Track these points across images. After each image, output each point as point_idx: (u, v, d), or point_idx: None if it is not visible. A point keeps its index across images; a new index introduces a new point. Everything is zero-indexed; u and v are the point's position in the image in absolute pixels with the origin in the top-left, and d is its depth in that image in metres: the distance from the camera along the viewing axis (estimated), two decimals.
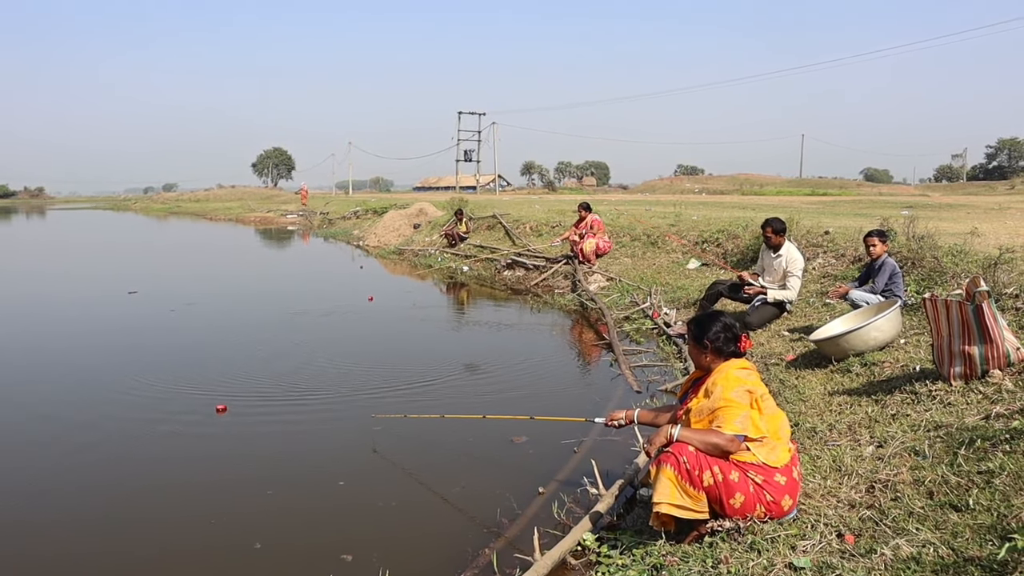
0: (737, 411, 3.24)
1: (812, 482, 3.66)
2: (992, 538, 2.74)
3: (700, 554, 3.14)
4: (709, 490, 3.18)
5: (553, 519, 4.04)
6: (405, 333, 9.58)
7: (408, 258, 18.41)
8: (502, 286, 13.51)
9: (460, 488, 4.51)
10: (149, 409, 6.07)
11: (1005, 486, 3.08)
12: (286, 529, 4.07)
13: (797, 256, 7.51)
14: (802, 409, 4.99)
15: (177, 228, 38.69)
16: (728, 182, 66.70)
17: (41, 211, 68.59)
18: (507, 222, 18.18)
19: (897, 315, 5.75)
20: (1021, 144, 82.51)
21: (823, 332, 6.16)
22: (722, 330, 3.50)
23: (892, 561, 2.77)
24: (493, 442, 5.28)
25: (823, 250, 9.41)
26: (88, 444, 5.35)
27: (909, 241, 7.79)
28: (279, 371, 7.29)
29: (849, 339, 5.67)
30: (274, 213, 44.53)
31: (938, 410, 4.20)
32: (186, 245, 27.28)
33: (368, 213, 30.60)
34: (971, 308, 4.39)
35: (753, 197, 38.37)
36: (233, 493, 4.57)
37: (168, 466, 4.96)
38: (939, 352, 4.60)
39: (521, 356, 8.18)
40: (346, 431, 5.62)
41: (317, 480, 4.71)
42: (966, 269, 6.67)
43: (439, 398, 6.31)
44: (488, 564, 3.61)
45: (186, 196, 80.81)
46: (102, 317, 10.73)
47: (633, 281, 11.27)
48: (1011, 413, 3.77)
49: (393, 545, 3.87)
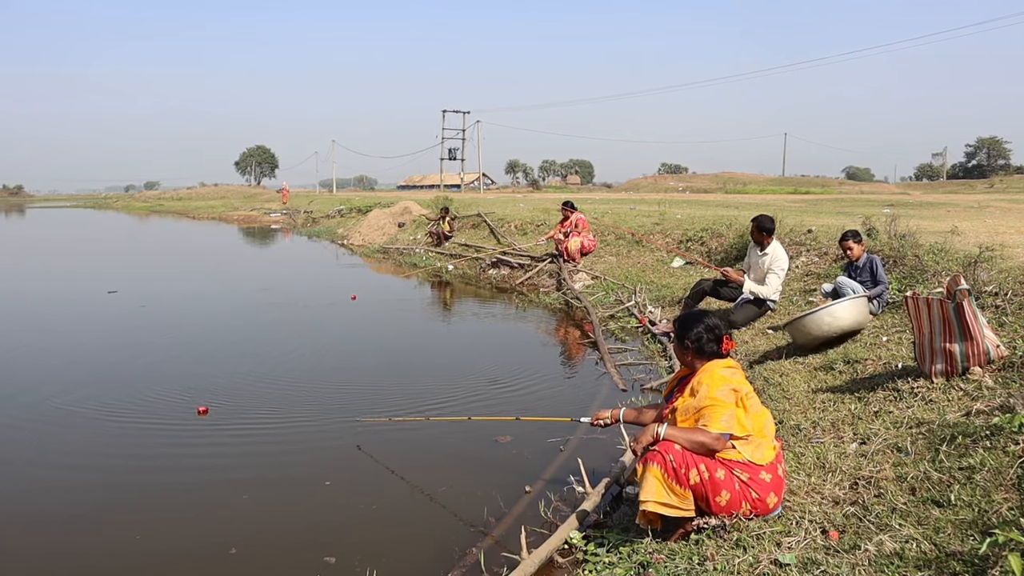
0: (723, 410, 3.26)
1: (797, 479, 3.69)
2: (973, 533, 2.77)
3: (686, 551, 3.16)
4: (695, 488, 3.20)
5: (540, 518, 4.04)
6: (389, 333, 9.55)
7: (393, 257, 18.36)
8: (487, 285, 13.51)
9: (446, 488, 4.50)
10: (127, 410, 5.99)
11: (986, 482, 3.11)
12: (266, 532, 4.02)
13: (782, 256, 7.55)
14: (786, 407, 5.02)
15: (159, 227, 38.34)
16: (712, 180, 67.13)
17: (20, 209, 67.69)
18: (492, 221, 18.17)
19: (856, 303, 5.94)
20: (1000, 143, 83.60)
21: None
22: (705, 331, 3.52)
23: (876, 557, 2.80)
24: (479, 442, 5.27)
25: (806, 248, 9.48)
26: (62, 445, 5.28)
27: (891, 239, 7.86)
28: (261, 372, 7.24)
29: (805, 322, 5.99)
30: (257, 212, 44.25)
31: (920, 407, 4.24)
32: (168, 244, 27.04)
33: (352, 211, 30.46)
34: (952, 306, 4.44)
35: (737, 195, 38.61)
36: (211, 497, 4.48)
37: (145, 469, 4.89)
38: (921, 350, 4.64)
39: (506, 355, 8.19)
40: (329, 432, 5.54)
41: (299, 482, 4.65)
42: (947, 267, 6.74)
43: (423, 398, 6.27)
44: (475, 563, 3.61)
45: (168, 194, 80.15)
46: (80, 316, 10.60)
47: (618, 280, 11.30)
48: (991, 410, 3.82)
49: (378, 546, 3.84)
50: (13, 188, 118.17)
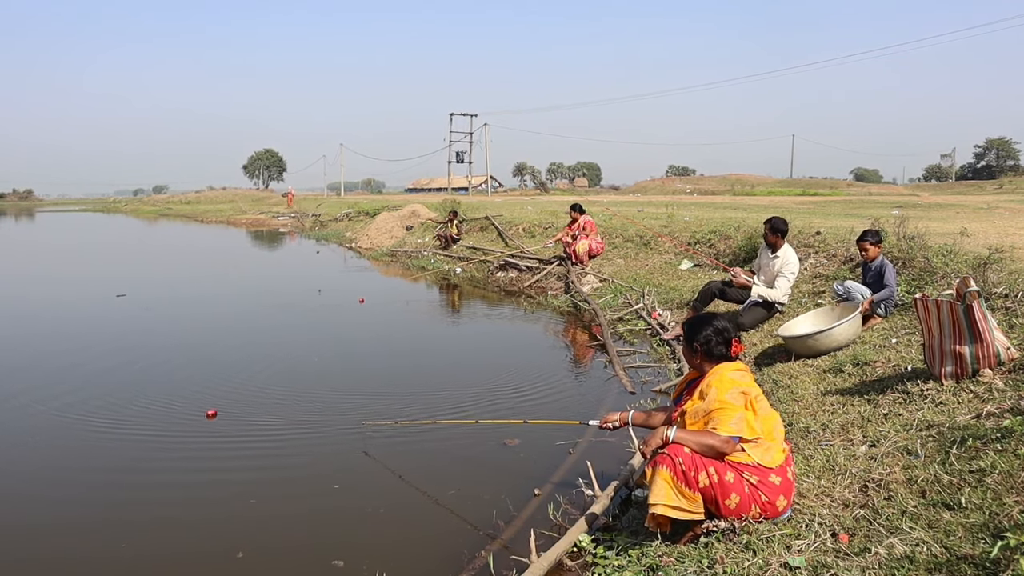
0: (732, 413, 3.26)
1: (806, 482, 3.69)
2: (984, 536, 2.76)
3: (696, 555, 3.16)
4: (705, 491, 3.20)
5: (549, 521, 4.05)
6: (396, 336, 9.57)
7: (401, 260, 18.39)
8: (495, 288, 13.52)
9: (454, 491, 4.51)
10: (133, 413, 6.03)
11: (997, 484, 3.10)
12: (274, 536, 4.03)
13: (793, 259, 7.53)
14: (795, 409, 5.01)
15: (168, 231, 38.51)
16: (719, 182, 67.01)
17: (30, 213, 68.10)
18: (499, 223, 18.19)
19: (854, 323, 6.12)
20: (1009, 144, 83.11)
21: (789, 328, 6.68)
22: (713, 334, 3.52)
23: (886, 560, 2.79)
24: (487, 445, 5.27)
25: (815, 250, 9.45)
26: (70, 447, 5.32)
27: (900, 241, 7.83)
28: (268, 375, 7.27)
29: (807, 342, 6.18)
30: (265, 215, 44.39)
31: (930, 409, 4.23)
32: (176, 248, 27.15)
33: (360, 215, 30.52)
34: (961, 308, 4.43)
35: (744, 197, 38.52)
36: (218, 500, 4.50)
37: (151, 471, 4.91)
38: (930, 352, 4.63)
39: (514, 358, 8.19)
40: (336, 436, 5.54)
41: (307, 486, 4.67)
42: (956, 269, 6.72)
43: (431, 402, 6.28)
44: (484, 566, 3.61)
45: (176, 198, 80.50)
46: (89, 319, 10.66)
47: (626, 282, 11.30)
48: (1002, 412, 3.80)
49: (387, 549, 3.85)
50: (23, 192, 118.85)
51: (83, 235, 35.14)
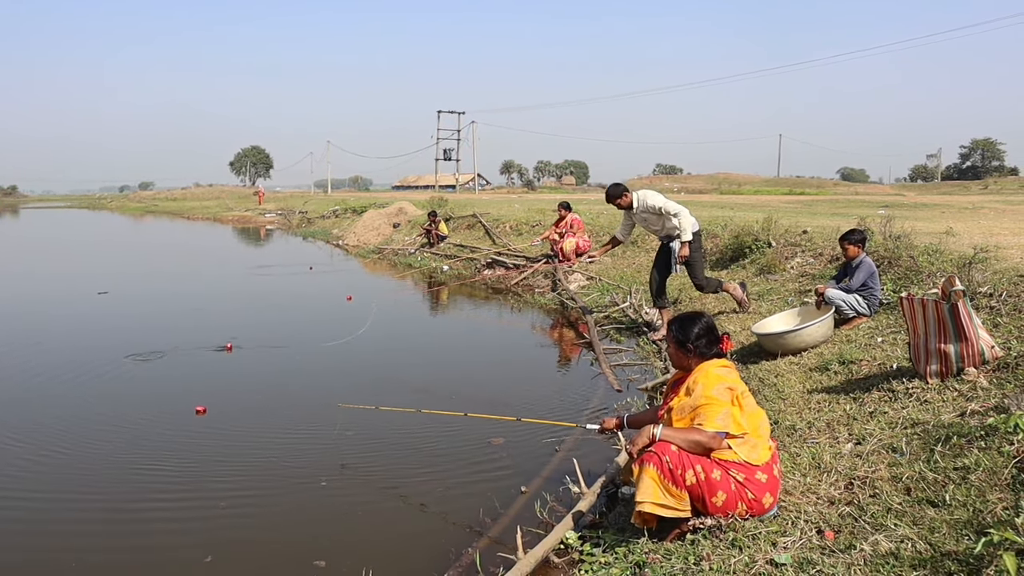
0: (718, 408, 3.26)
1: (792, 479, 3.69)
2: (968, 533, 2.78)
3: (682, 552, 3.16)
4: (692, 489, 3.20)
5: (536, 518, 4.04)
6: (382, 334, 9.52)
7: (388, 258, 18.33)
8: (482, 286, 13.50)
9: (441, 489, 4.49)
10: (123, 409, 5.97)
11: (981, 482, 3.12)
12: (252, 535, 3.97)
13: (655, 199, 7.56)
14: (781, 407, 5.03)
15: (154, 228, 38.23)
16: (707, 181, 67.18)
17: (14, 210, 67.44)
18: (487, 221, 18.16)
19: (825, 324, 6.19)
20: (994, 145, 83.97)
21: (763, 326, 6.75)
22: (704, 332, 3.53)
23: (871, 556, 2.80)
24: (474, 443, 5.24)
25: (801, 249, 9.49)
26: (51, 443, 5.24)
27: (886, 240, 7.87)
28: (251, 372, 7.23)
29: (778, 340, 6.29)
30: (252, 212, 44.15)
31: (915, 407, 4.25)
32: (162, 245, 26.96)
33: (347, 212, 30.43)
34: (947, 307, 4.45)
35: (732, 196, 38.61)
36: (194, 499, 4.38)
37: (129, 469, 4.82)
38: (915, 350, 4.65)
39: (501, 356, 8.17)
40: (318, 431, 5.47)
41: (286, 483, 4.59)
42: (942, 268, 6.75)
43: (414, 397, 6.25)
44: (471, 564, 3.60)
45: (163, 195, 80.00)
46: (71, 316, 10.56)
47: (613, 280, 11.31)
48: (986, 410, 3.83)
49: (371, 548, 3.81)
50: (7, 188, 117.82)
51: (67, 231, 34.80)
